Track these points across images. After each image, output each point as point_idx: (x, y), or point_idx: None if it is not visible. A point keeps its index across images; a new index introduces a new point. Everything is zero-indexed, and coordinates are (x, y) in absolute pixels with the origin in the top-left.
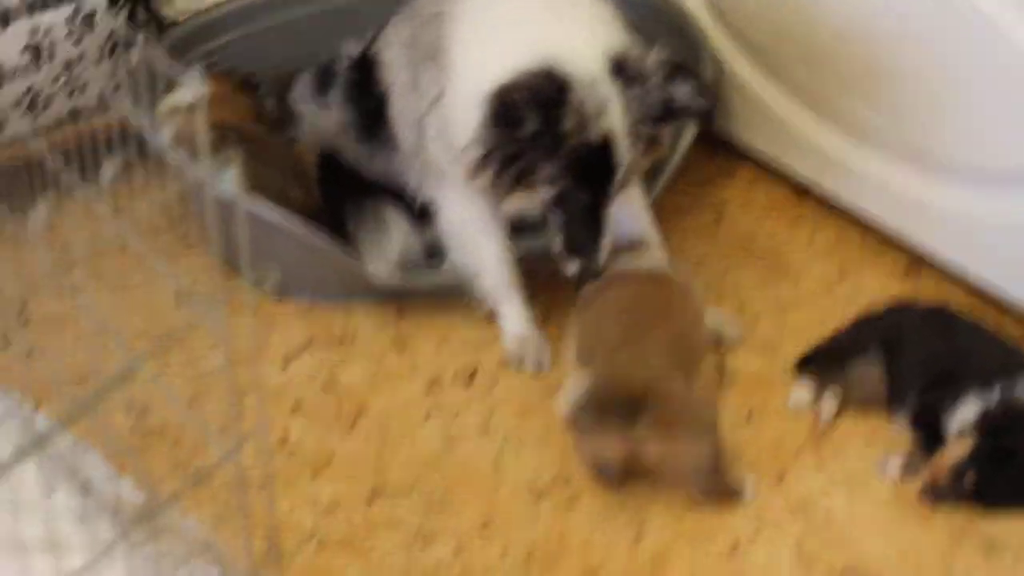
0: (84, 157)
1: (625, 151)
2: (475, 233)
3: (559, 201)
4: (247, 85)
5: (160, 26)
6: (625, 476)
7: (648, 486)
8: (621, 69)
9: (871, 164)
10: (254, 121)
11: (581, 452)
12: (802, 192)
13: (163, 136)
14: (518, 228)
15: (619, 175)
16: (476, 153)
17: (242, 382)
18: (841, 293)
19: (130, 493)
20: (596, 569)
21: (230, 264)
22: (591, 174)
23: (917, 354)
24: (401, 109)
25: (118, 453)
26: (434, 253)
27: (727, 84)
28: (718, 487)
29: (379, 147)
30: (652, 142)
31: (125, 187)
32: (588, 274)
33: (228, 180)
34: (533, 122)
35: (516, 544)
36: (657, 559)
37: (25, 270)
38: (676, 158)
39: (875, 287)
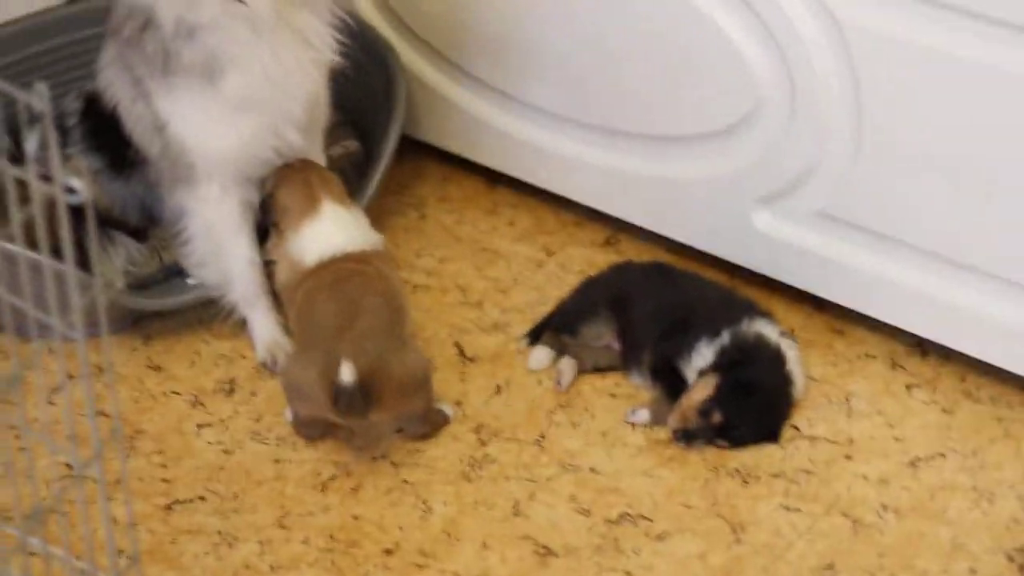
0: None
1: None
2: (226, 237)
3: None
4: None
5: None
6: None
7: (425, 469)
8: None
9: (561, 145)
10: None
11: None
12: (493, 182)
13: None
14: (262, 233)
15: None
16: None
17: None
18: (551, 270)
19: None
20: (396, 545)
21: None
22: None
23: (645, 309)
24: (135, 121)
25: None
26: (170, 274)
27: (413, 87)
28: (432, 423)
29: (132, 176)
30: None
31: None
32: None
33: None
34: None
35: (315, 533)
36: (448, 530)
37: None
38: (383, 165)
39: (581, 260)
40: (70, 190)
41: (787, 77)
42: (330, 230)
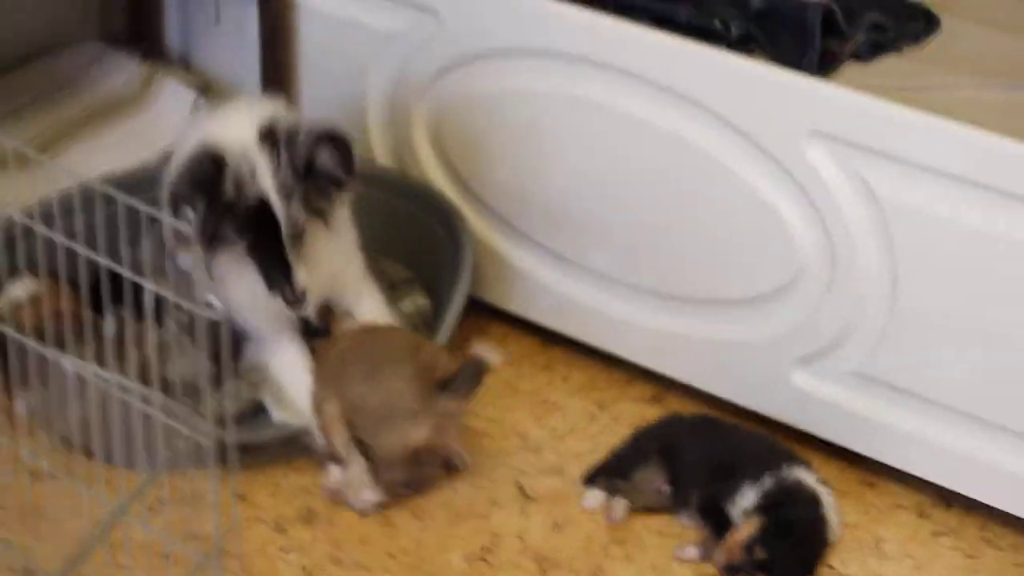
0: None
1: (281, 209)
2: (295, 381)
3: (249, 253)
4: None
5: None
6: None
7: None
8: (269, 136)
9: (613, 306)
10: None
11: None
12: (549, 340)
13: None
14: None
15: (286, 228)
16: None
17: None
18: (603, 422)
19: None
20: None
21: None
22: (261, 229)
23: (694, 456)
24: None
25: None
26: (255, 411)
27: (478, 250)
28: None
29: None
30: (315, 211)
31: None
32: (296, 304)
33: None
34: (200, 199)
35: None
36: None
37: None
38: (449, 322)
39: (631, 413)
40: (209, 306)
41: (828, 247)
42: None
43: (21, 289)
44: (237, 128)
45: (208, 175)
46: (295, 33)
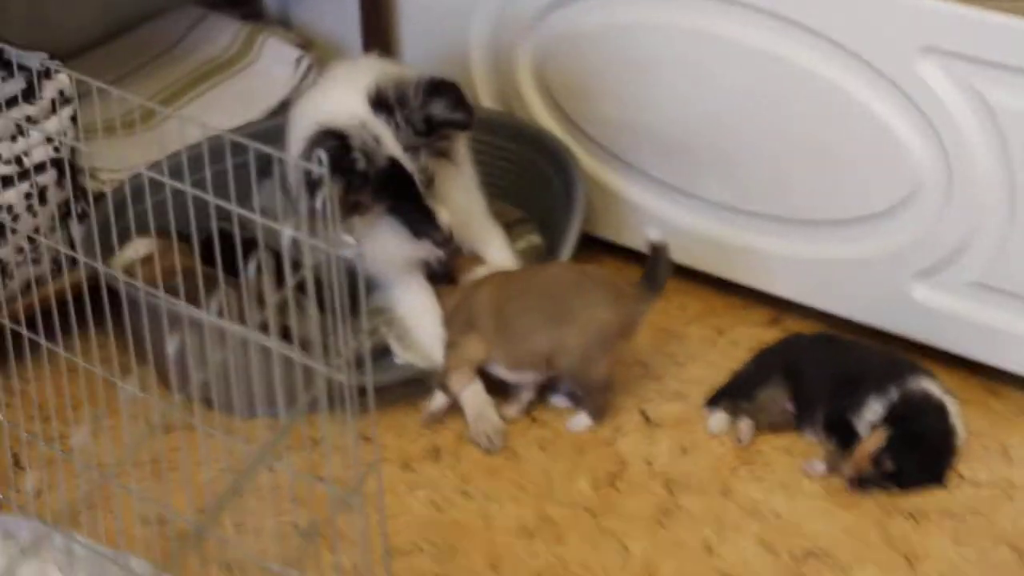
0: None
1: (410, 163)
2: (423, 321)
3: (390, 212)
4: (181, 237)
5: (86, 198)
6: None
7: (621, 518)
8: (380, 102)
9: (727, 233)
10: (203, 264)
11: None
12: None
13: None
14: None
15: (417, 179)
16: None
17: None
18: (722, 347)
19: None
20: None
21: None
22: (398, 186)
23: (817, 373)
24: None
25: None
26: (379, 354)
27: (590, 186)
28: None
29: None
30: (439, 152)
31: None
32: (446, 245)
33: None
34: (337, 179)
35: (526, 574)
36: (648, 569)
37: None
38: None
39: (749, 337)
40: (345, 245)
41: (943, 160)
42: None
43: (142, 248)
44: (348, 102)
45: (337, 155)
46: None
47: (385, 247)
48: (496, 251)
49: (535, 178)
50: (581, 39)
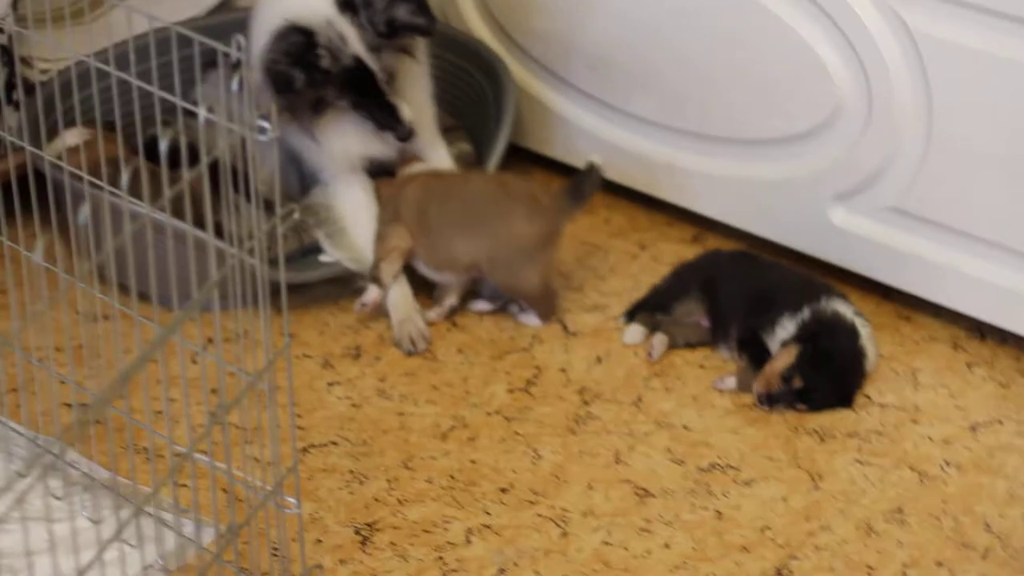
0: None
1: (374, 63)
2: (358, 217)
3: (355, 107)
4: (109, 129)
5: (25, 88)
6: None
7: (534, 423)
8: (346, 2)
9: (654, 150)
10: (132, 155)
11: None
12: None
13: None
14: None
15: (380, 77)
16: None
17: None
18: (644, 261)
19: None
20: (511, 485)
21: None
22: (362, 84)
23: (733, 289)
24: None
25: None
26: (306, 252)
27: (520, 98)
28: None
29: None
30: (400, 50)
31: None
32: (408, 139)
33: None
34: (300, 74)
35: (437, 473)
36: (557, 474)
37: None
38: (491, 168)
39: (671, 253)
40: (261, 129)
41: (864, 84)
42: None
43: (75, 137)
44: (315, 1)
45: (302, 50)
46: None
47: (345, 143)
48: (439, 156)
49: (468, 88)
50: None
